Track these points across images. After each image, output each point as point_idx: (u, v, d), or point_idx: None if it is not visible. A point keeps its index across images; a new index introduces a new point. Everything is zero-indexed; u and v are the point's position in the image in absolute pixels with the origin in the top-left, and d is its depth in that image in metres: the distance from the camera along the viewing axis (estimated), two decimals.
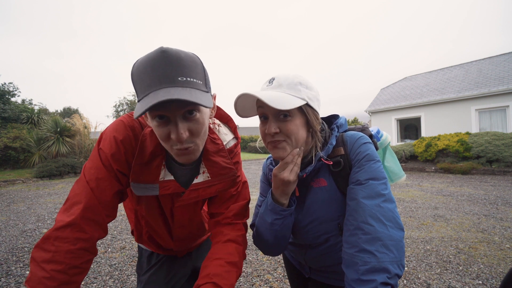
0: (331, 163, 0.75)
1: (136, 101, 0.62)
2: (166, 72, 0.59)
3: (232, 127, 0.91)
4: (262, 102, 0.73)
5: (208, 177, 0.79)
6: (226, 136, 0.85)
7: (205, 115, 0.70)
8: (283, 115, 0.72)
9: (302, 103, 0.71)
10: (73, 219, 0.65)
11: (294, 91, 0.73)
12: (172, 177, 0.78)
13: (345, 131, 0.85)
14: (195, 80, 0.62)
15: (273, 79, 0.75)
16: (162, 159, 0.76)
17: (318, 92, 0.79)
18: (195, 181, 0.79)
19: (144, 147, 0.72)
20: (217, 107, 0.90)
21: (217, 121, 0.88)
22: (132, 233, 1.01)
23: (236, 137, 0.89)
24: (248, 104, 0.77)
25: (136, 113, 0.58)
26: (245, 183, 0.92)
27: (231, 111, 0.92)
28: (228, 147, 0.84)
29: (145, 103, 0.57)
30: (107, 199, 0.70)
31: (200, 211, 0.91)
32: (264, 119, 0.76)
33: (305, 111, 0.74)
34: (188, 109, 0.64)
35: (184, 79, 0.61)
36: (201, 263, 1.05)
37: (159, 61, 0.59)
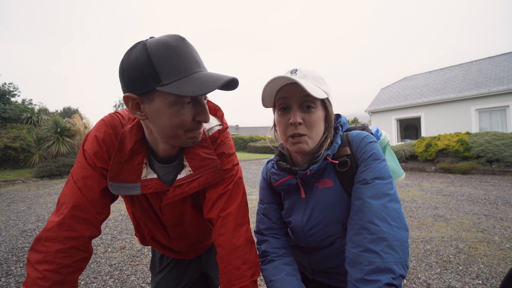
0: (337, 162, 0.74)
1: (162, 83, 0.59)
2: (196, 59, 0.63)
3: (219, 115, 0.87)
4: (287, 92, 0.72)
5: (190, 171, 0.77)
6: (206, 124, 0.81)
7: None
8: (307, 106, 0.72)
9: (326, 95, 0.72)
10: (62, 218, 0.65)
11: (318, 83, 0.73)
12: (155, 175, 0.76)
13: (347, 130, 0.84)
14: None
15: (296, 70, 0.74)
16: (144, 157, 0.74)
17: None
18: (178, 176, 0.77)
19: (123, 144, 0.71)
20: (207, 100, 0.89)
21: None
22: (137, 236, 1.01)
23: (222, 123, 0.85)
24: (269, 93, 0.76)
25: (197, 90, 0.57)
26: (239, 179, 0.83)
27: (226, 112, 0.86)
28: (211, 133, 0.81)
29: (202, 80, 0.59)
30: (95, 197, 0.70)
31: (190, 208, 0.86)
32: (284, 110, 0.75)
33: (326, 104, 0.75)
34: (206, 96, 0.69)
35: (205, 66, 0.66)
36: (209, 268, 1.07)
37: (185, 48, 0.61)
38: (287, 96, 0.73)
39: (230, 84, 0.63)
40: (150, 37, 0.62)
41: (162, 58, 0.58)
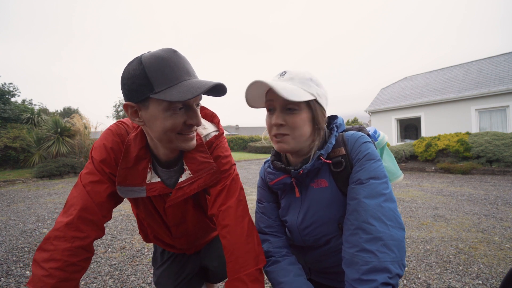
0: (330, 162, 0.75)
1: (155, 90, 0.65)
2: (186, 68, 0.68)
3: (216, 122, 0.95)
4: (272, 94, 0.74)
5: (189, 174, 0.83)
6: (204, 131, 0.88)
7: None
8: (289, 109, 0.73)
9: (311, 97, 0.72)
10: (71, 219, 0.69)
11: (305, 86, 0.74)
12: (158, 179, 0.82)
13: (344, 131, 0.84)
14: None
15: (285, 72, 0.76)
16: (148, 162, 0.81)
17: (326, 91, 0.80)
18: (180, 180, 0.83)
19: (128, 152, 0.77)
20: (202, 106, 0.95)
21: None
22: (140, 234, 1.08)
23: (218, 129, 0.92)
24: (258, 94, 0.78)
25: (184, 96, 0.63)
26: (236, 176, 0.89)
27: (221, 113, 0.94)
28: (208, 139, 0.87)
29: (189, 87, 0.64)
30: (102, 200, 0.75)
31: (192, 208, 0.94)
32: (270, 111, 0.77)
33: (313, 107, 0.75)
34: (198, 101, 0.74)
35: (195, 75, 0.71)
36: (208, 261, 1.14)
37: (176, 59, 0.67)
38: (272, 99, 0.75)
39: (218, 89, 0.69)
40: (148, 52, 0.69)
41: (154, 70, 0.64)
